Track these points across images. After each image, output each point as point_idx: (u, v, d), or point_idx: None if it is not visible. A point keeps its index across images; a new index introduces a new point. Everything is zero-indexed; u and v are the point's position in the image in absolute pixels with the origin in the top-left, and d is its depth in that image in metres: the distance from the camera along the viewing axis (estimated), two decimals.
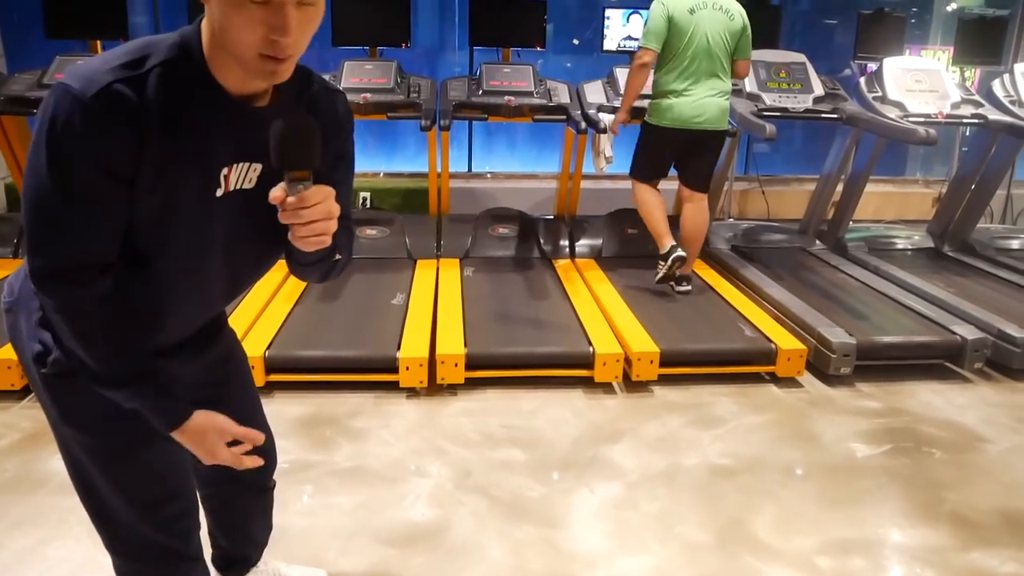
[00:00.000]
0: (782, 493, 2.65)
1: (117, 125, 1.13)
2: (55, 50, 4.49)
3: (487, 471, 2.73)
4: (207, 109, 1.21)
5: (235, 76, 1.21)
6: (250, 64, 1.16)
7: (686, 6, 3.82)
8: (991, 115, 4.63)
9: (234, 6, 1.11)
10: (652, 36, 3.85)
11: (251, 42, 1.13)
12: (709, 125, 3.93)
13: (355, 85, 4.40)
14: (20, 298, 1.36)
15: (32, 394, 3.15)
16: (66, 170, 1.14)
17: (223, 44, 1.17)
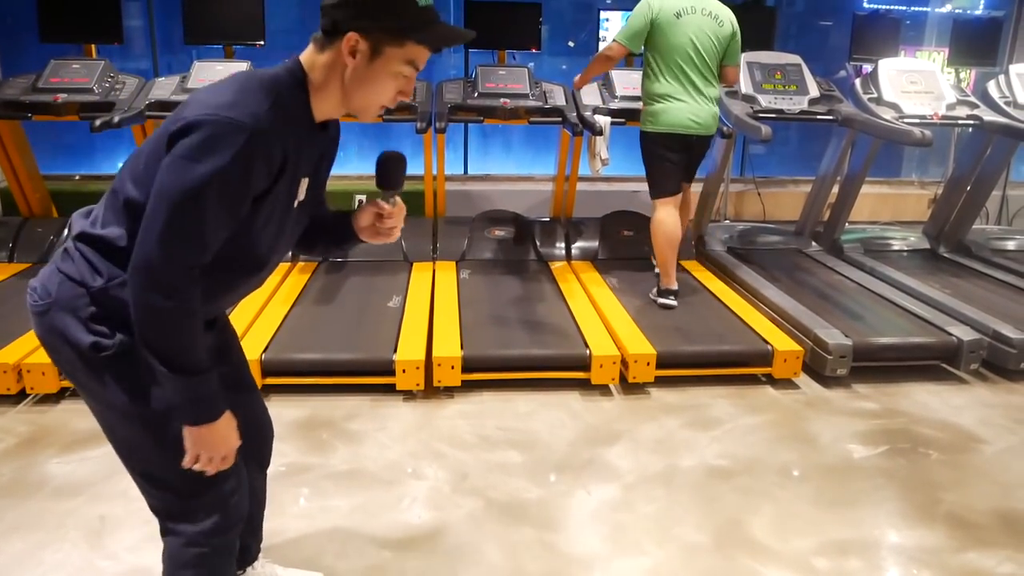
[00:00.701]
0: (779, 494, 2.65)
1: (270, 151, 1.35)
2: (49, 54, 4.49)
3: (484, 473, 2.73)
4: (304, 134, 1.45)
5: (327, 109, 1.47)
6: (371, 111, 1.47)
7: (673, 10, 3.78)
8: (986, 116, 4.64)
9: (391, 76, 1.42)
10: (630, 34, 3.82)
11: (385, 99, 1.45)
12: (703, 131, 3.92)
13: None
14: (59, 299, 1.44)
15: (28, 398, 3.15)
16: (223, 190, 1.31)
17: (353, 94, 1.44)
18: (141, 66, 5.90)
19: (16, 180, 4.76)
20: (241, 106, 1.31)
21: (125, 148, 5.87)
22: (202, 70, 4.44)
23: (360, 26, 1.38)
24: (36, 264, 4.44)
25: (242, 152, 1.30)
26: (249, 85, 1.37)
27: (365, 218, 1.65)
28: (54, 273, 1.47)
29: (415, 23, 1.39)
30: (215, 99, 1.33)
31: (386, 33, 1.39)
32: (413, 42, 1.40)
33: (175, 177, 1.30)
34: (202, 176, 1.28)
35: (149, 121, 4.42)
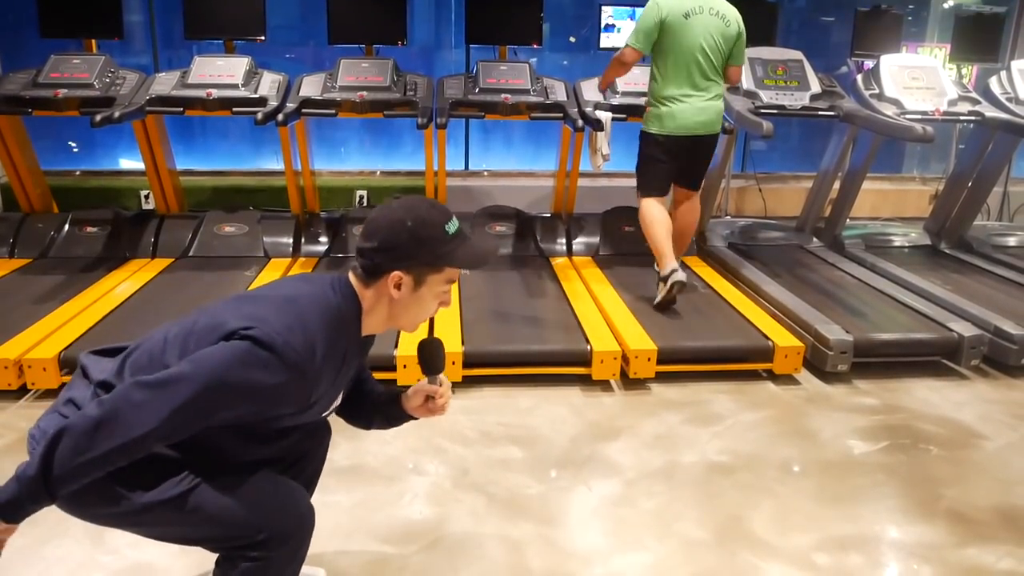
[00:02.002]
0: (780, 490, 2.66)
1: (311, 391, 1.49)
2: (50, 49, 4.48)
3: (485, 469, 2.73)
4: (354, 349, 1.61)
5: (373, 327, 1.62)
6: (417, 325, 1.64)
7: (681, 11, 3.78)
8: (988, 112, 4.64)
9: (434, 296, 1.58)
10: (640, 36, 3.82)
11: (430, 313, 1.62)
12: (708, 130, 3.92)
13: (351, 83, 4.39)
14: None
15: (29, 394, 3.16)
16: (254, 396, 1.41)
17: (402, 317, 1.60)
18: (142, 61, 5.90)
19: (16, 175, 4.75)
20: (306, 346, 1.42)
21: (126, 143, 5.86)
22: (203, 65, 4.44)
23: (402, 266, 1.52)
24: (36, 259, 4.45)
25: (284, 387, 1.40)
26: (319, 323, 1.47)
27: (416, 400, 1.79)
28: (57, 418, 1.49)
29: (449, 251, 1.54)
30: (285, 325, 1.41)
31: (425, 266, 1.53)
32: (451, 268, 1.57)
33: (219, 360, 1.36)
34: (239, 382, 1.36)
35: (150, 116, 4.42)
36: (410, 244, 1.50)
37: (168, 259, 4.51)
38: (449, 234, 1.53)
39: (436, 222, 1.53)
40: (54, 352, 3.15)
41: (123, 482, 1.45)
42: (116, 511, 1.49)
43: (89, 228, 4.68)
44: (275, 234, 4.75)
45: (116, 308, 3.69)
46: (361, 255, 1.53)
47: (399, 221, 1.50)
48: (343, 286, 1.56)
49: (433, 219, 1.53)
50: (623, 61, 3.91)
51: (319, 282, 1.57)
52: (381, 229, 1.51)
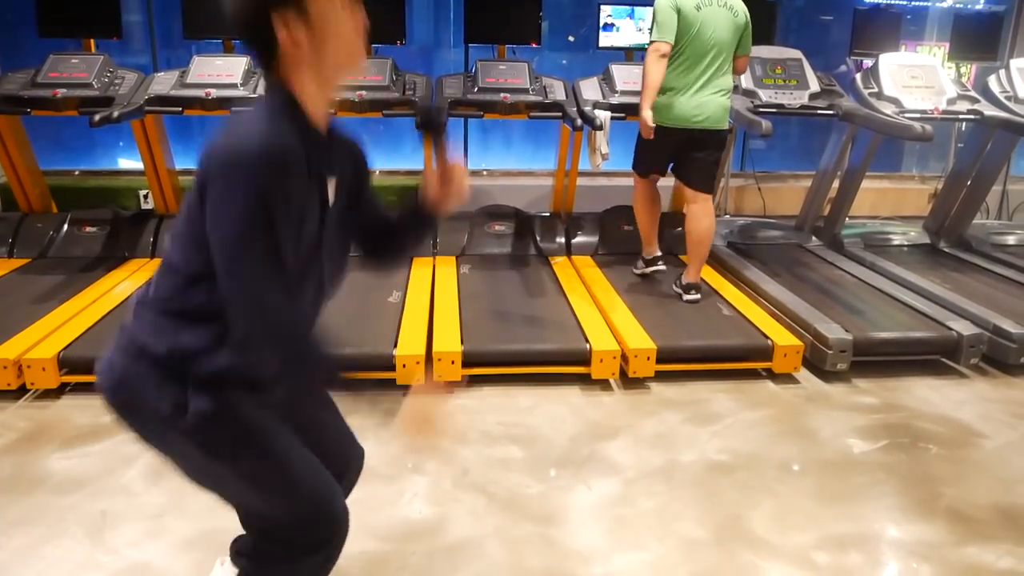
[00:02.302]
0: (779, 489, 2.66)
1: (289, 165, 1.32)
2: (48, 48, 4.47)
3: (485, 468, 2.73)
4: (311, 142, 1.39)
5: (316, 103, 1.41)
6: (352, 61, 1.43)
7: (693, 2, 3.77)
8: (987, 111, 4.64)
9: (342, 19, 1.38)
10: (666, 29, 3.77)
11: (354, 43, 1.42)
12: (709, 124, 3.88)
13: (350, 82, 4.38)
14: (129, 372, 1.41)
15: (29, 393, 3.15)
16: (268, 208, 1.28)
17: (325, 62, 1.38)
18: (140, 61, 5.88)
19: (15, 175, 4.75)
20: (250, 137, 1.29)
21: (125, 143, 5.86)
22: (201, 65, 4.43)
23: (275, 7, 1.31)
24: (35, 259, 4.45)
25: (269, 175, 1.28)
26: (251, 118, 1.34)
27: (431, 188, 1.61)
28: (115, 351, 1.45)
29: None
30: (227, 140, 1.30)
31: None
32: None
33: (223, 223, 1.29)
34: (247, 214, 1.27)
35: (149, 116, 4.42)
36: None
37: None
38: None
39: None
40: (53, 352, 3.15)
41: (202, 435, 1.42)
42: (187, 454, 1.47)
43: (88, 228, 4.68)
44: None
45: (115, 308, 3.68)
46: (238, 32, 1.38)
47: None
48: (267, 86, 1.42)
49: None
50: (661, 54, 3.76)
51: None
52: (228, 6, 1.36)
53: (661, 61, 3.82)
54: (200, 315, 1.38)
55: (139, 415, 1.44)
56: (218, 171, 1.28)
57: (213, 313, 1.35)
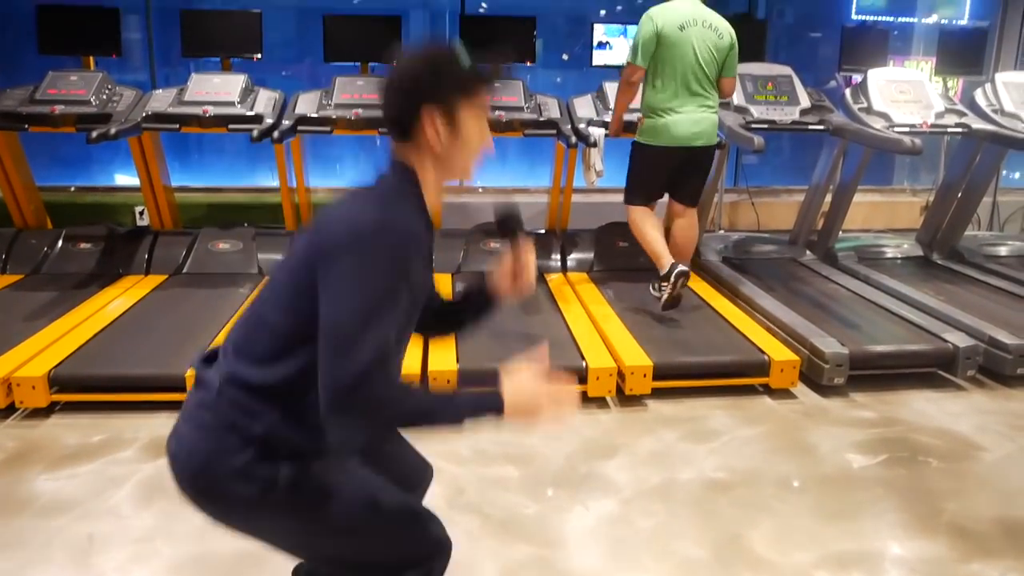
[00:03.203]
0: (779, 506, 2.64)
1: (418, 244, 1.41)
2: (48, 65, 4.47)
3: (481, 488, 2.71)
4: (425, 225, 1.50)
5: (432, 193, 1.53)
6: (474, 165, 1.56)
7: (676, 23, 3.80)
8: (974, 124, 4.67)
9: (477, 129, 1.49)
10: (641, 52, 3.84)
11: (478, 150, 1.53)
12: (703, 141, 3.93)
13: (347, 101, 4.39)
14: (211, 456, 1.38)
15: (17, 412, 3.12)
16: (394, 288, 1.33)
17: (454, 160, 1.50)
18: (139, 78, 5.89)
19: (11, 191, 4.73)
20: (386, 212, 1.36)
21: (121, 159, 5.84)
22: (199, 82, 4.44)
23: (429, 100, 1.42)
24: (29, 275, 4.42)
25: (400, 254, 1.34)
26: (385, 197, 1.43)
27: (502, 275, 1.68)
28: (192, 430, 1.42)
29: (469, 70, 1.45)
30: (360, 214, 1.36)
31: (454, 91, 1.44)
32: (477, 84, 1.46)
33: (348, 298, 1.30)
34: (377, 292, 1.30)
35: (146, 133, 4.41)
36: (430, 76, 1.43)
37: (162, 276, 4.49)
38: (458, 55, 1.45)
39: (444, 51, 1.46)
40: (43, 370, 3.12)
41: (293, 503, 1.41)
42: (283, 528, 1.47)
43: (83, 244, 4.66)
44: (269, 251, 4.73)
45: (108, 326, 3.66)
46: (388, 117, 1.47)
47: (409, 64, 1.45)
48: (390, 166, 1.50)
49: (440, 49, 1.46)
50: (630, 80, 3.92)
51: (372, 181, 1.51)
52: (395, 79, 1.45)
53: (630, 88, 3.96)
54: (291, 390, 1.38)
55: (224, 501, 1.40)
56: (349, 247, 1.31)
57: (303, 388, 1.35)
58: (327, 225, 1.38)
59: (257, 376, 1.38)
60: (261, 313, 1.43)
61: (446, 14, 6.63)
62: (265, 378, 1.38)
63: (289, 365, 1.36)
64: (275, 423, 1.37)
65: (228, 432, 1.37)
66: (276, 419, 1.37)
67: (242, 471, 1.36)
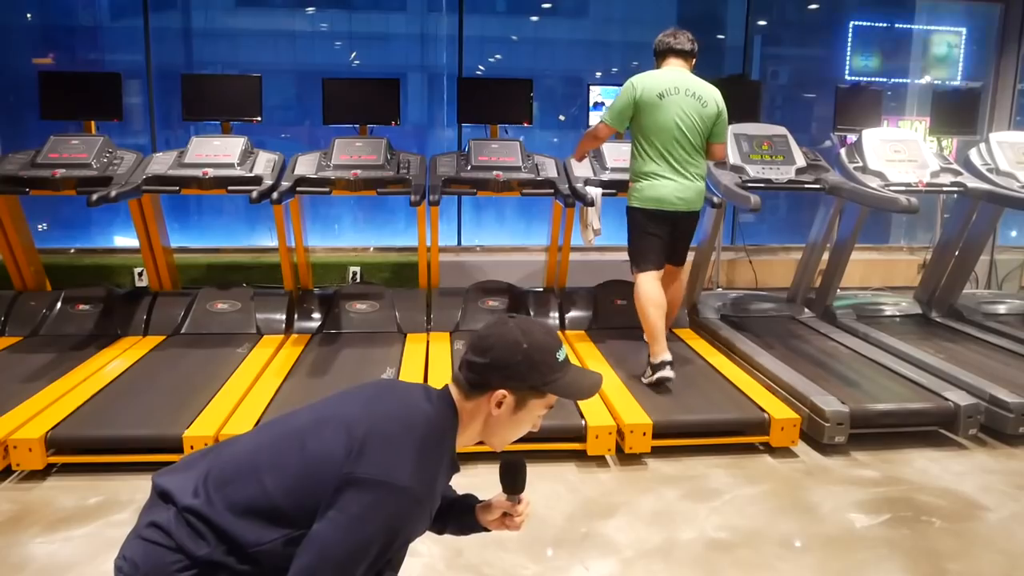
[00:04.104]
0: (781, 567, 2.60)
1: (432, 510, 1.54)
2: (50, 130, 4.55)
3: (479, 549, 2.66)
4: (446, 473, 1.60)
5: (464, 443, 1.61)
6: (507, 444, 1.64)
7: (656, 91, 3.85)
8: (970, 183, 4.72)
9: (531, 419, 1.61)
10: (614, 114, 3.94)
11: (520, 434, 1.63)
12: (685, 208, 3.96)
13: (345, 162, 4.46)
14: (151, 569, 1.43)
15: (14, 475, 3.09)
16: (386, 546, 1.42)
17: (495, 435, 1.62)
18: (140, 141, 6.00)
19: (11, 253, 4.77)
20: (418, 475, 1.43)
21: (121, 221, 5.91)
22: (199, 145, 4.51)
23: (510, 385, 1.54)
24: (27, 337, 4.42)
25: (410, 520, 1.44)
26: (424, 445, 1.48)
27: (493, 514, 1.78)
28: (141, 544, 1.47)
29: (557, 379, 1.56)
30: (394, 462, 1.43)
31: (532, 389, 1.56)
32: (556, 395, 1.58)
33: (343, 539, 1.37)
34: (371, 541, 1.38)
35: (145, 195, 4.46)
36: (523, 366, 1.53)
37: (160, 336, 4.49)
38: (559, 361, 1.57)
39: (550, 348, 1.56)
40: (40, 432, 3.10)
41: None
42: None
43: (81, 306, 4.67)
44: (268, 311, 4.74)
45: (106, 387, 3.65)
46: (470, 369, 1.56)
47: (515, 342, 1.53)
48: (439, 399, 1.58)
49: (547, 345, 1.56)
50: (596, 135, 4.11)
51: (416, 396, 1.58)
52: (495, 347, 1.54)
53: (593, 142, 4.21)
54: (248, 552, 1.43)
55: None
56: (372, 491, 1.39)
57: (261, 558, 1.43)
58: (366, 452, 1.42)
59: (226, 521, 1.43)
60: (261, 469, 1.46)
61: (444, 76, 6.78)
62: (233, 527, 1.42)
63: (260, 533, 1.41)
64: (221, 554, 1.42)
65: (174, 551, 1.42)
66: (223, 552, 1.42)
67: None
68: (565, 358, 1.59)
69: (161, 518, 1.46)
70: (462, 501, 1.82)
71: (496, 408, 1.55)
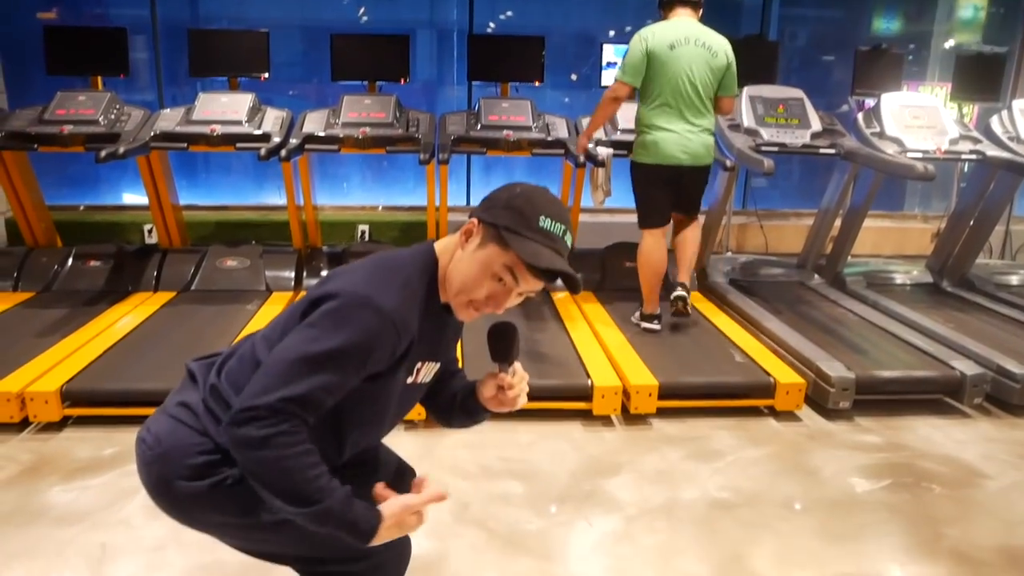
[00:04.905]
0: (781, 527, 2.63)
1: (398, 339, 1.41)
2: (56, 86, 4.54)
3: (485, 503, 2.71)
4: (431, 320, 1.50)
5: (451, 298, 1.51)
6: (460, 300, 1.49)
7: (666, 42, 3.82)
8: (989, 151, 4.65)
9: (488, 272, 1.45)
10: (628, 70, 3.87)
11: (476, 293, 1.47)
12: (692, 162, 3.94)
13: (354, 119, 4.44)
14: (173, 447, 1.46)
15: (31, 426, 3.15)
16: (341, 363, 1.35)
17: (452, 276, 1.49)
18: (147, 98, 5.98)
19: (21, 210, 4.79)
20: (377, 289, 1.39)
21: (130, 178, 5.92)
22: (207, 101, 4.49)
23: (483, 216, 1.46)
24: (40, 293, 4.46)
25: (370, 331, 1.36)
26: (386, 270, 1.45)
27: (487, 390, 1.65)
28: (168, 421, 1.50)
29: (525, 234, 1.42)
30: (356, 279, 1.41)
31: (498, 230, 1.43)
32: (514, 251, 1.42)
33: (300, 341, 1.36)
34: (328, 345, 1.33)
35: (154, 152, 4.46)
36: (502, 204, 1.45)
37: (170, 293, 4.52)
38: (538, 224, 1.43)
39: (537, 206, 1.45)
40: (56, 385, 3.15)
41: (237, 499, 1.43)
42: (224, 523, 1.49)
43: (92, 262, 4.70)
44: (277, 268, 4.77)
45: (118, 342, 3.69)
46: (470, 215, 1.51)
47: (511, 187, 1.49)
48: (419, 245, 1.55)
49: (537, 202, 1.45)
50: (616, 96, 3.94)
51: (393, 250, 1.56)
52: (496, 193, 1.50)
53: (613, 104, 3.99)
54: None
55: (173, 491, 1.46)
56: (330, 304, 1.37)
57: None
58: (331, 279, 1.44)
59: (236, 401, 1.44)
60: (255, 349, 1.49)
61: (454, 33, 6.71)
62: None
63: None
64: None
65: (199, 434, 1.45)
66: None
67: (198, 468, 1.43)
68: (548, 229, 1.44)
69: (191, 399, 1.50)
70: (466, 386, 1.73)
71: (464, 239, 1.48)
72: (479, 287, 1.46)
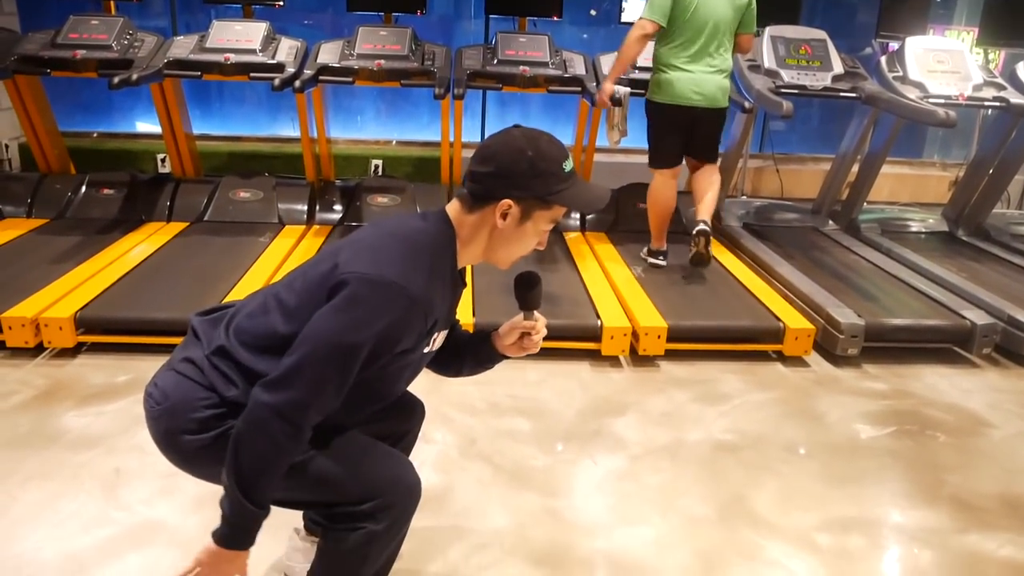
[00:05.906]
0: (784, 470, 2.67)
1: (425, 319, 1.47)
2: (68, 9, 4.48)
3: (492, 439, 2.75)
4: (448, 288, 1.57)
5: (468, 259, 1.59)
6: (511, 262, 1.61)
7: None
8: (1013, 99, 4.55)
9: (536, 233, 1.55)
10: (657, 8, 3.79)
11: (527, 251, 1.59)
12: (707, 103, 3.88)
13: (369, 51, 4.37)
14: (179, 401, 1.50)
15: (46, 352, 3.20)
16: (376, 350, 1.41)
17: (499, 250, 1.57)
18: (160, 24, 5.89)
19: (35, 136, 4.78)
20: (408, 274, 1.42)
21: (143, 106, 5.88)
22: (221, 30, 4.43)
23: (515, 194, 1.49)
24: (53, 220, 4.48)
25: (402, 319, 1.41)
26: (414, 250, 1.47)
27: (510, 338, 1.74)
28: (174, 376, 1.53)
29: (562, 189, 1.50)
30: (383, 261, 1.42)
31: (537, 199, 1.50)
32: (559, 204, 1.52)
33: (334, 330, 1.38)
34: (362, 336, 1.38)
35: (167, 80, 4.42)
36: (527, 174, 1.47)
37: (183, 223, 4.53)
38: (565, 171, 1.51)
39: (555, 157, 1.50)
40: (70, 312, 3.18)
41: None
42: None
43: (106, 190, 4.71)
44: (290, 201, 4.76)
45: (132, 270, 3.72)
46: (473, 179, 1.51)
47: (520, 150, 1.48)
48: (434, 215, 1.57)
49: (553, 154, 1.50)
50: (644, 34, 3.82)
51: (409, 217, 1.59)
52: (499, 155, 1.49)
53: (642, 41, 3.89)
54: None
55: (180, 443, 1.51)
56: (373, 291, 1.39)
57: None
58: (354, 258, 1.44)
59: (247, 359, 1.48)
60: (269, 307, 1.51)
61: None
62: (253, 363, 1.47)
63: (277, 363, 1.42)
64: (248, 394, 1.43)
65: (205, 389, 1.49)
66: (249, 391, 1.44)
67: (203, 421, 1.48)
68: (572, 169, 1.53)
69: (196, 355, 1.53)
70: (476, 335, 1.82)
71: (501, 219, 1.51)
72: (529, 246, 1.58)
